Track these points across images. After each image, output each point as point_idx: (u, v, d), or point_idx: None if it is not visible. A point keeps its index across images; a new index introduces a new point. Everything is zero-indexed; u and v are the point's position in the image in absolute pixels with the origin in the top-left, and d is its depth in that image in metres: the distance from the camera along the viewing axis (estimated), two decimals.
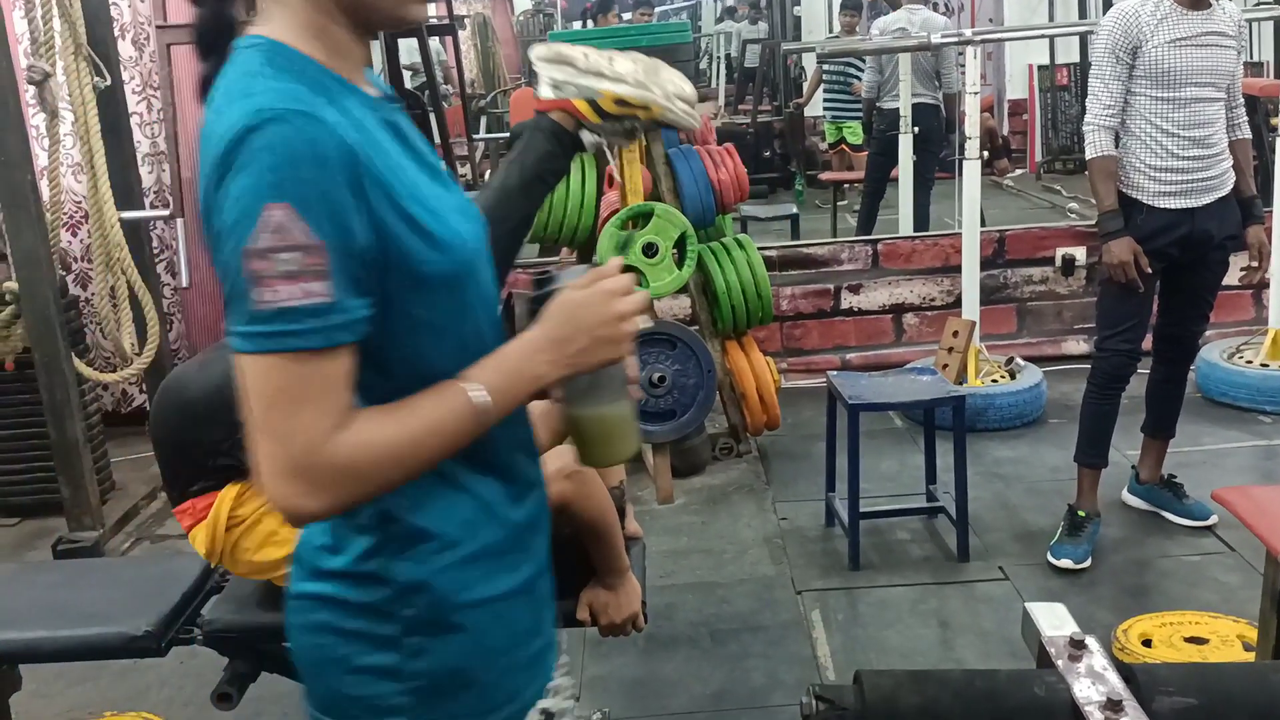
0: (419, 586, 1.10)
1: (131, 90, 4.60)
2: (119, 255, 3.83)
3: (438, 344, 1.09)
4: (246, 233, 0.96)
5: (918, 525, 3.60)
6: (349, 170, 0.99)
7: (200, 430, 1.97)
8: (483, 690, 1.15)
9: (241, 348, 0.99)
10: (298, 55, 1.05)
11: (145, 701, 2.79)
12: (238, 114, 0.98)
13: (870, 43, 6.69)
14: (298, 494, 0.99)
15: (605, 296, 1.11)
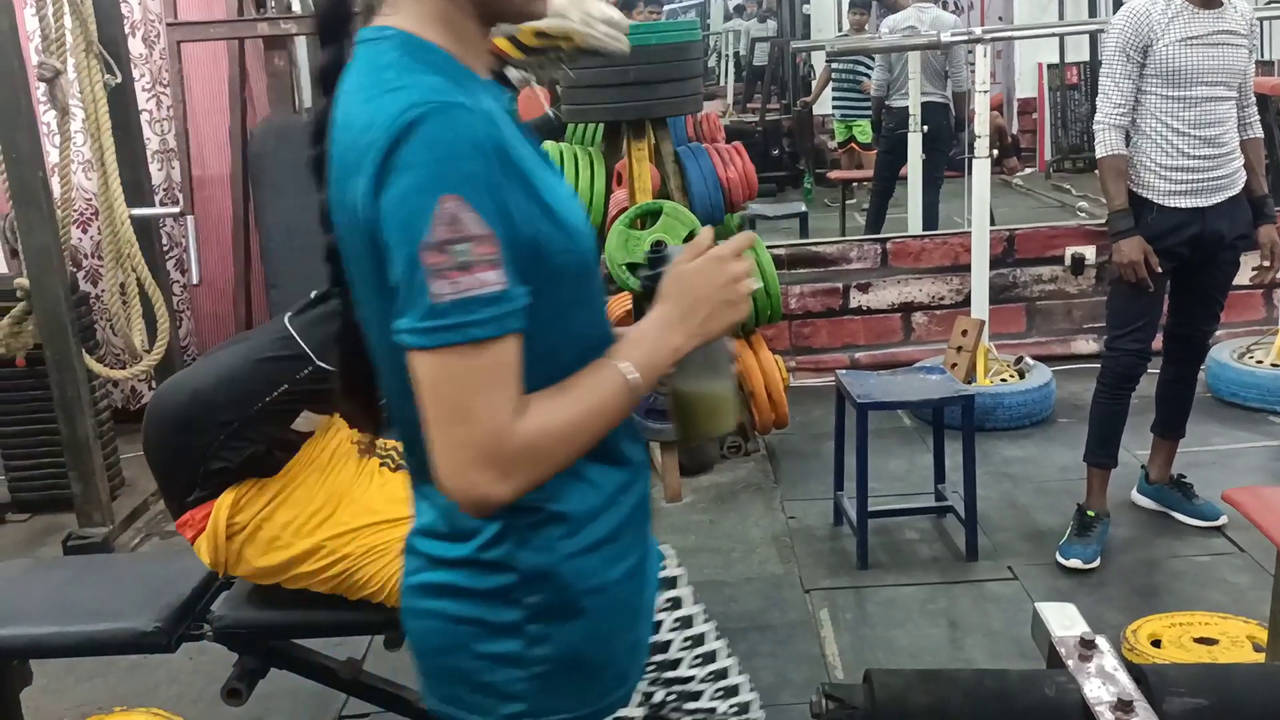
0: (544, 573, 1.12)
1: (141, 87, 4.62)
2: (129, 252, 3.84)
3: (568, 329, 1.10)
4: (422, 229, 0.97)
5: (926, 525, 3.59)
6: (501, 159, 1.01)
7: (187, 437, 1.97)
8: (598, 674, 1.17)
9: (419, 344, 0.99)
10: (430, 47, 1.07)
11: (155, 698, 2.80)
12: (392, 110, 0.99)
13: (880, 41, 6.68)
14: (487, 481, 1.00)
15: (716, 263, 1.14)
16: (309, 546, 1.95)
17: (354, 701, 2.58)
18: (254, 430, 1.93)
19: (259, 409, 1.92)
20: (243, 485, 1.97)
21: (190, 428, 1.96)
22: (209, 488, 1.97)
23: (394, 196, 0.98)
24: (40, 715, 2.63)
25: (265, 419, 1.93)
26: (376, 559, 1.94)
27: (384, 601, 1.96)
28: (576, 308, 1.11)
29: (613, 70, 3.87)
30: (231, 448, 1.93)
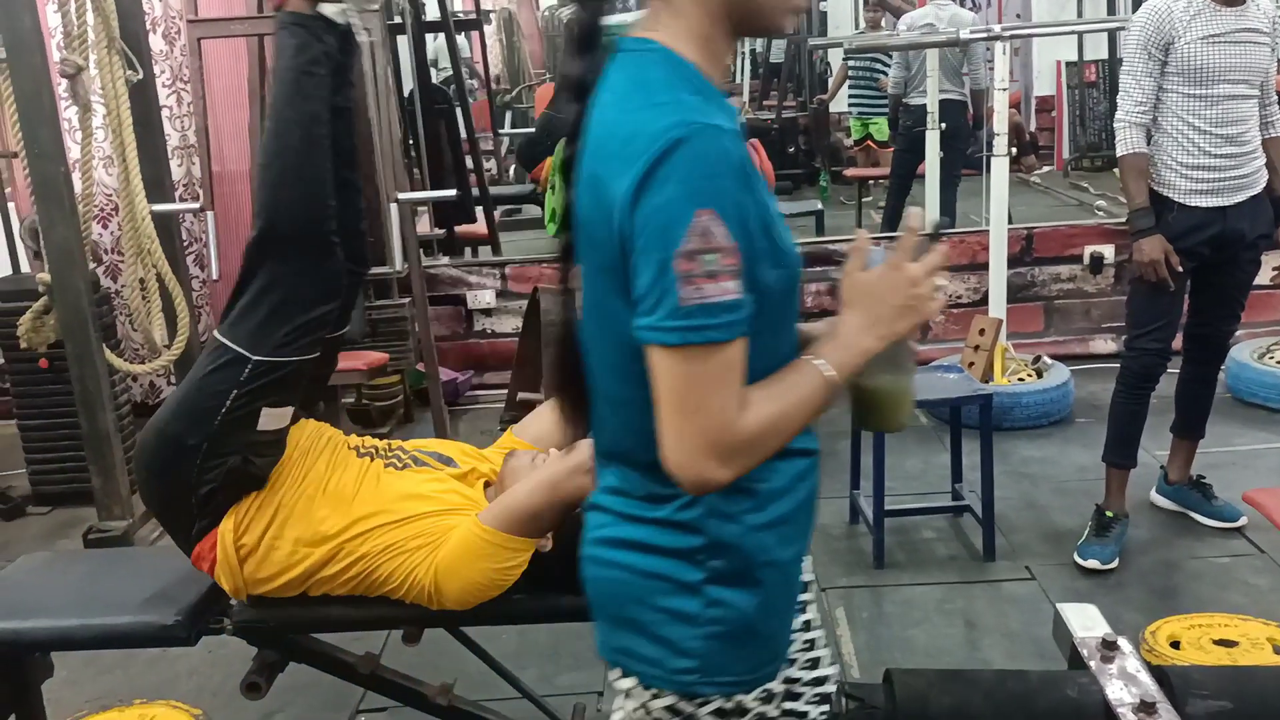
0: (729, 542, 1.20)
1: (162, 84, 4.64)
2: (149, 247, 3.86)
3: (772, 335, 1.19)
4: (678, 237, 1.06)
5: (943, 524, 3.58)
6: (745, 180, 1.10)
7: (166, 474, 1.98)
8: (763, 644, 1.25)
9: (663, 340, 1.09)
10: (687, 65, 1.16)
11: (175, 690, 2.82)
12: (658, 125, 1.08)
13: (898, 38, 6.65)
14: (712, 467, 1.11)
15: (898, 271, 1.22)
16: (325, 552, 1.95)
17: (371, 696, 2.59)
18: (224, 445, 1.93)
19: (219, 423, 1.92)
20: (240, 506, 1.98)
21: (166, 465, 1.98)
22: (207, 516, 1.98)
23: (654, 205, 1.07)
24: (61, 707, 2.65)
25: (230, 430, 1.93)
26: (394, 556, 1.94)
27: (403, 598, 1.97)
28: (780, 317, 1.20)
29: None
30: (210, 469, 1.94)
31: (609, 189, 1.11)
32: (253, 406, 1.93)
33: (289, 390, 1.97)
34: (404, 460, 2.10)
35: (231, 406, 1.92)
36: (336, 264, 1.99)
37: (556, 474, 1.88)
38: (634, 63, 1.16)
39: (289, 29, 1.94)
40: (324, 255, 1.96)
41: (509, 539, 1.89)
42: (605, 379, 1.23)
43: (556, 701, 2.50)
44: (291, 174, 1.96)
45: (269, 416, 1.95)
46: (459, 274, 5.24)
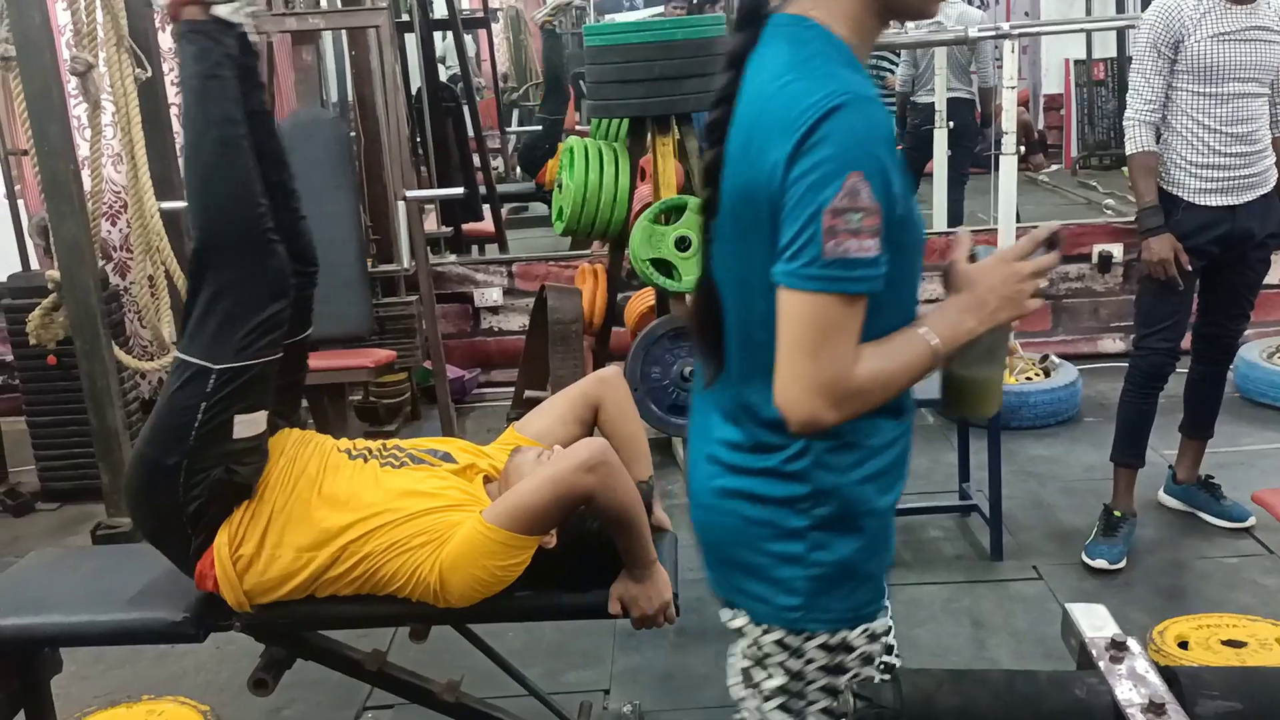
0: (832, 491, 1.31)
1: (170, 82, 4.64)
2: (158, 245, 3.87)
3: (896, 297, 1.28)
4: (829, 193, 1.17)
5: (950, 523, 3.58)
6: (890, 150, 1.21)
7: (152, 499, 1.99)
8: (863, 585, 1.36)
9: (799, 285, 1.20)
10: (840, 42, 1.27)
11: (182, 686, 2.83)
12: (818, 94, 1.19)
13: (906, 36, 6.64)
14: (820, 408, 1.21)
15: (1006, 264, 1.33)
16: (329, 555, 1.96)
17: (378, 693, 2.60)
18: (203, 459, 1.94)
19: (195, 438, 1.93)
20: (232, 519, 1.98)
21: (151, 489, 1.99)
22: (201, 533, 1.98)
23: (809, 165, 1.18)
24: (70, 702, 2.65)
25: (206, 444, 1.93)
26: (398, 554, 1.94)
27: (408, 596, 1.97)
28: (906, 281, 1.31)
29: (638, 66, 3.87)
30: (194, 485, 1.94)
31: (767, 152, 1.21)
32: (224, 416, 1.94)
33: (258, 395, 1.98)
34: (401, 459, 2.10)
35: (203, 420, 1.93)
36: (279, 262, 1.99)
37: (561, 472, 1.88)
38: (791, 37, 1.27)
39: (186, 38, 1.96)
40: (264, 255, 1.97)
41: (513, 536, 1.89)
42: (747, 327, 1.31)
43: (563, 699, 2.51)
44: (215, 179, 1.97)
45: (243, 424, 1.96)
46: (466, 272, 5.24)
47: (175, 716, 2.69)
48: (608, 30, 4.10)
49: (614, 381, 2.28)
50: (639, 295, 4.69)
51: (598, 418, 2.24)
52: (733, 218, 1.31)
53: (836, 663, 1.37)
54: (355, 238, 4.38)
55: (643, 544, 1.96)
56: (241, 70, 2.01)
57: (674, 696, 2.74)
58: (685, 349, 3.92)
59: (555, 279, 4.87)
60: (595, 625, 2.79)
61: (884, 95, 7.93)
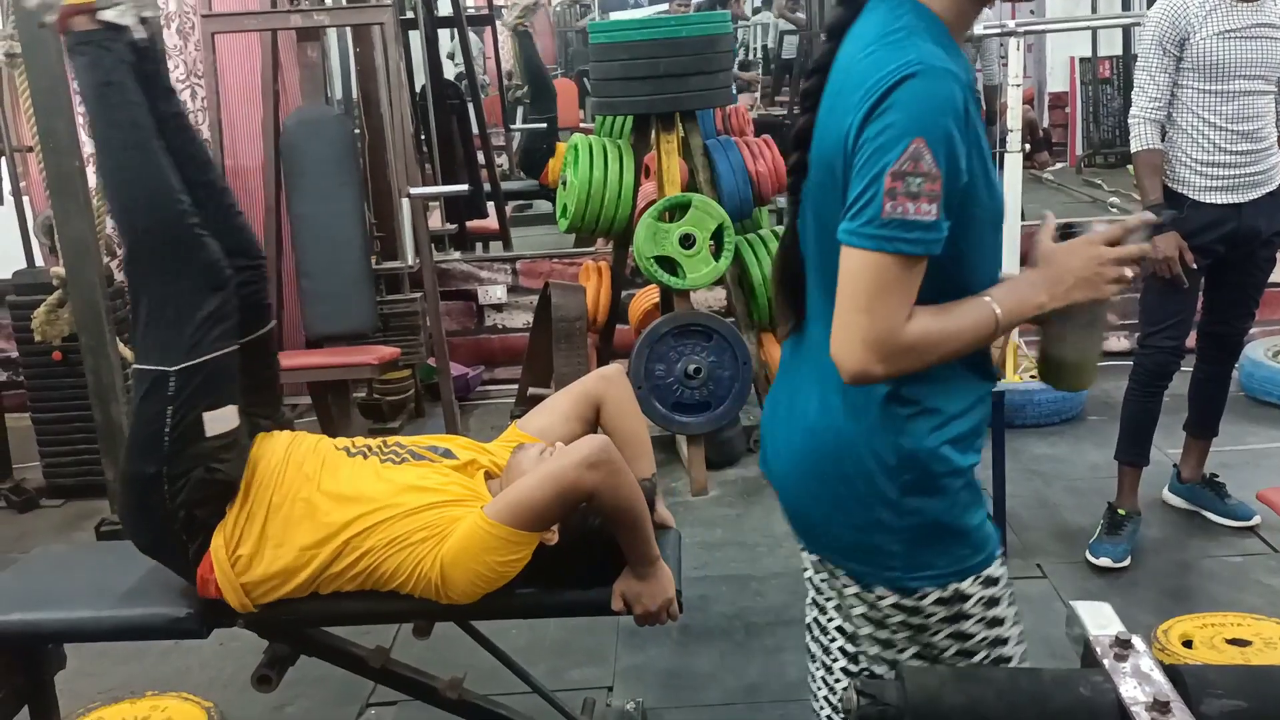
0: (914, 455, 1.37)
1: (176, 79, 4.65)
2: None
3: (971, 265, 1.35)
4: (892, 156, 1.24)
5: None
6: (963, 121, 1.27)
7: (141, 515, 2.01)
8: (960, 539, 1.42)
9: (858, 243, 1.27)
10: (933, 17, 1.34)
11: (186, 682, 2.83)
12: (896, 62, 1.26)
13: None
14: (869, 360, 1.28)
15: (1090, 246, 1.38)
16: (331, 551, 1.96)
17: (381, 689, 2.60)
18: (181, 463, 1.94)
19: (168, 444, 1.93)
20: (226, 522, 1.99)
21: (139, 503, 2.00)
22: (195, 538, 1.99)
23: (878, 127, 1.25)
24: (74, 698, 2.66)
25: (181, 447, 1.94)
26: (399, 550, 1.94)
27: (410, 592, 1.97)
28: (981, 251, 1.37)
29: (643, 63, 3.86)
30: (178, 490, 1.95)
31: (844, 116, 1.29)
32: (193, 416, 1.94)
33: (222, 390, 1.99)
34: (402, 455, 2.10)
35: (173, 424, 1.93)
36: (210, 254, 1.98)
37: (563, 468, 1.88)
38: (887, 10, 1.33)
39: (76, 50, 1.97)
40: (191, 250, 1.97)
41: (514, 532, 1.89)
42: (832, 287, 1.34)
43: (566, 696, 2.51)
44: (129, 183, 1.98)
45: (213, 421, 1.96)
46: (470, 269, 5.24)
47: (179, 712, 2.69)
48: (612, 27, 4.10)
49: (616, 379, 2.28)
50: (643, 293, 4.68)
51: (600, 415, 2.24)
52: (817, 180, 1.38)
53: (956, 612, 1.44)
54: (360, 235, 4.38)
55: (645, 541, 1.96)
56: (142, 76, 2.01)
57: (678, 694, 2.74)
58: (689, 346, 3.92)
59: (559, 276, 4.87)
60: (599, 622, 2.79)
61: None
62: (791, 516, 1.53)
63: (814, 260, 1.43)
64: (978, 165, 1.31)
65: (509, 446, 2.17)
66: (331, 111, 4.70)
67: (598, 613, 2.07)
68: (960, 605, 1.44)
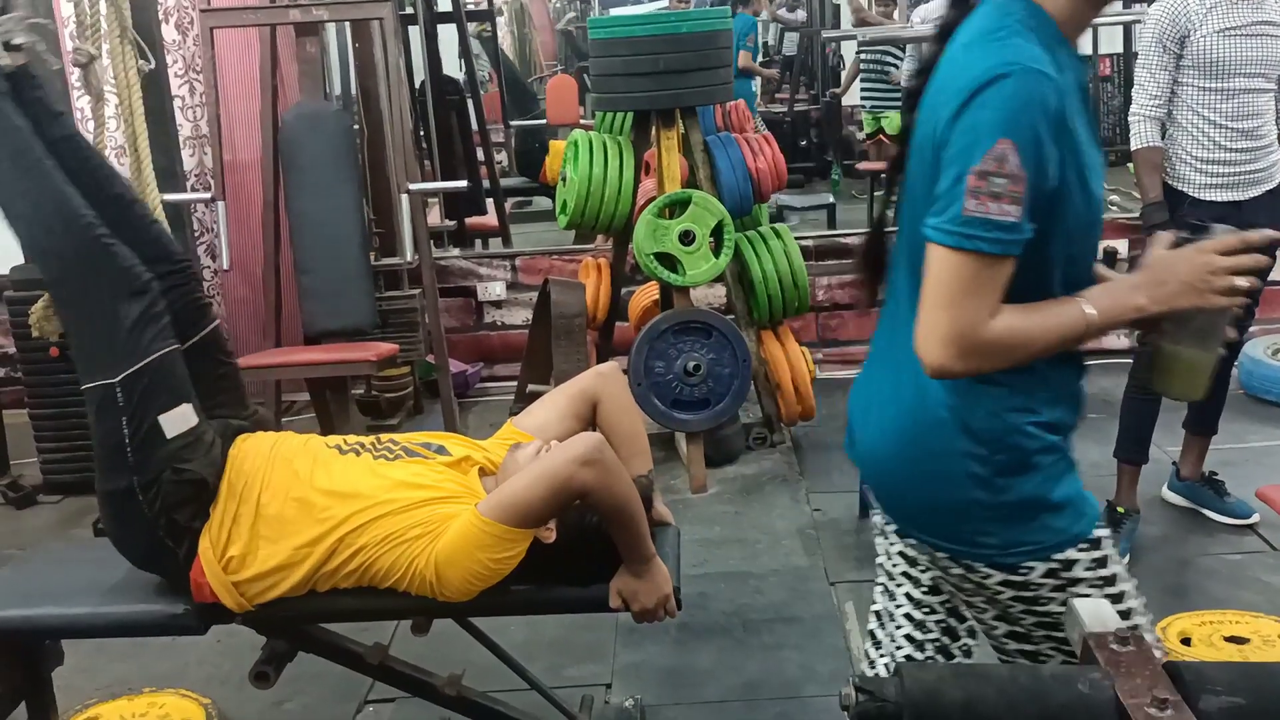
0: (1009, 441, 1.41)
1: (174, 74, 4.65)
2: None
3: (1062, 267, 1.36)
4: (976, 155, 1.26)
5: None
6: (1058, 125, 1.27)
7: (125, 528, 2.02)
8: (1058, 510, 1.44)
9: (939, 239, 1.30)
10: (1044, 16, 1.34)
11: (184, 679, 2.83)
12: (990, 61, 1.28)
13: (912, 30, 6.62)
14: (949, 356, 1.31)
15: (1200, 253, 1.37)
16: (326, 548, 1.96)
17: (379, 686, 2.60)
18: (148, 470, 1.96)
19: (131, 455, 1.95)
20: (211, 524, 1.99)
21: (120, 519, 2.02)
22: (182, 545, 1.99)
23: (966, 125, 1.27)
24: (71, 695, 2.65)
25: (144, 455, 1.95)
26: (393, 546, 1.94)
27: (406, 589, 1.97)
28: (1072, 253, 1.38)
29: (643, 59, 3.86)
30: (152, 498, 1.96)
31: (937, 111, 1.32)
32: (149, 421, 1.95)
33: (170, 390, 1.99)
34: (395, 452, 2.10)
35: (131, 434, 1.95)
36: (124, 260, 1.99)
37: (555, 466, 1.88)
38: (997, 9, 1.35)
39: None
40: (103, 260, 1.98)
41: (507, 530, 1.89)
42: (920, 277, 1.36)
43: (565, 693, 2.50)
44: (31, 209, 2.00)
45: (170, 422, 1.97)
46: (469, 266, 5.24)
47: (177, 709, 2.69)
48: (612, 23, 4.09)
49: (612, 376, 2.28)
50: (643, 289, 4.68)
51: (596, 413, 2.24)
52: (913, 174, 1.41)
53: (1066, 580, 1.45)
54: (359, 231, 4.37)
55: (639, 539, 1.96)
56: (23, 103, 2.03)
57: (676, 691, 2.74)
58: (689, 343, 3.91)
59: (558, 273, 4.86)
60: (597, 620, 2.79)
61: (890, 90, 7.95)
62: (885, 500, 1.56)
63: (909, 253, 1.45)
64: (1072, 171, 1.31)
65: (505, 444, 2.17)
66: (330, 107, 4.69)
67: (596, 610, 2.06)
68: (1068, 573, 1.45)
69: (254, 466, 2.04)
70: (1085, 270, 1.42)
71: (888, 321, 1.53)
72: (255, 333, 4.75)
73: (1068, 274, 1.39)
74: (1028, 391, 1.41)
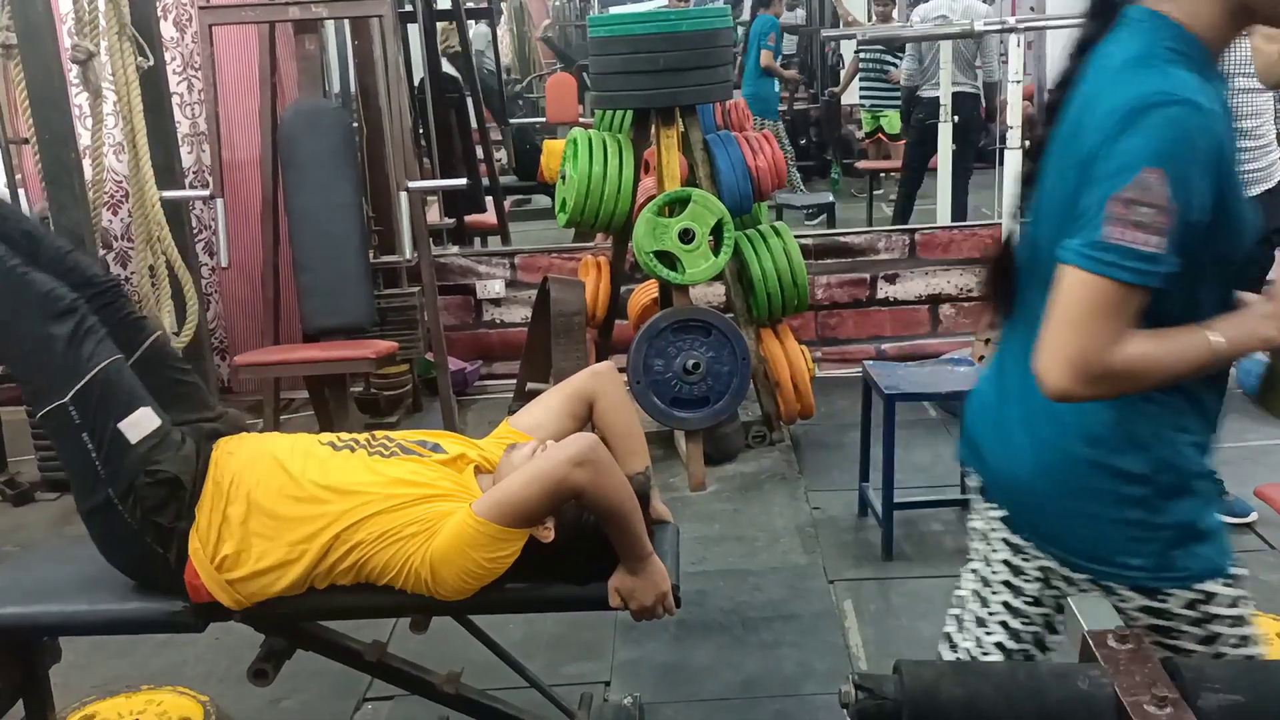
0: (1168, 463, 1.40)
1: (173, 71, 4.64)
2: (159, 234, 3.87)
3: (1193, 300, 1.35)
4: (1122, 181, 1.24)
5: (951, 517, 3.57)
6: (1210, 158, 1.26)
7: (112, 535, 2.03)
8: (1209, 540, 1.44)
9: (1075, 261, 1.28)
10: (1193, 41, 1.31)
11: (181, 676, 2.82)
12: (1148, 87, 1.26)
13: (913, 29, 6.62)
14: (1069, 380, 1.29)
15: None
16: (322, 545, 1.95)
17: (378, 684, 2.60)
18: (121, 479, 1.97)
19: (101, 468, 1.97)
20: (199, 524, 1.99)
21: (107, 536, 2.04)
22: (172, 549, 2.00)
23: (1115, 151, 1.25)
24: (68, 692, 2.65)
25: (114, 466, 1.97)
26: (389, 544, 1.94)
27: (402, 587, 1.97)
28: (1212, 285, 1.37)
29: (643, 57, 3.86)
30: (133, 506, 1.97)
31: (1086, 137, 1.29)
32: (110, 431, 1.97)
33: (123, 397, 2.00)
34: (390, 449, 2.10)
35: (95, 447, 1.97)
36: (39, 287, 2.01)
37: (550, 467, 1.88)
38: (1142, 31, 1.32)
39: None
40: (19, 289, 2.00)
41: (501, 530, 1.89)
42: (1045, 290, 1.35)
43: (563, 691, 2.50)
44: None
45: (131, 427, 1.98)
46: (468, 263, 5.23)
47: (174, 706, 2.68)
48: (612, 21, 4.08)
49: (608, 375, 2.29)
50: (642, 288, 4.68)
51: (593, 412, 2.24)
52: (1050, 192, 1.39)
53: (1204, 613, 1.44)
54: (358, 229, 4.37)
55: (635, 538, 1.96)
56: None
57: (675, 689, 2.74)
58: (688, 341, 3.91)
59: (558, 271, 4.86)
60: (596, 617, 2.79)
61: (889, 89, 7.95)
62: (1021, 517, 1.53)
63: (1043, 271, 1.40)
64: (1227, 202, 1.30)
65: (501, 443, 2.17)
66: (329, 104, 4.69)
67: (594, 608, 2.06)
68: (1208, 606, 1.44)
69: (243, 464, 2.04)
70: (1224, 301, 1.40)
71: (1019, 336, 1.48)
72: (253, 330, 4.75)
73: (1204, 304, 1.36)
74: (1183, 412, 1.41)
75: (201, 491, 2.01)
